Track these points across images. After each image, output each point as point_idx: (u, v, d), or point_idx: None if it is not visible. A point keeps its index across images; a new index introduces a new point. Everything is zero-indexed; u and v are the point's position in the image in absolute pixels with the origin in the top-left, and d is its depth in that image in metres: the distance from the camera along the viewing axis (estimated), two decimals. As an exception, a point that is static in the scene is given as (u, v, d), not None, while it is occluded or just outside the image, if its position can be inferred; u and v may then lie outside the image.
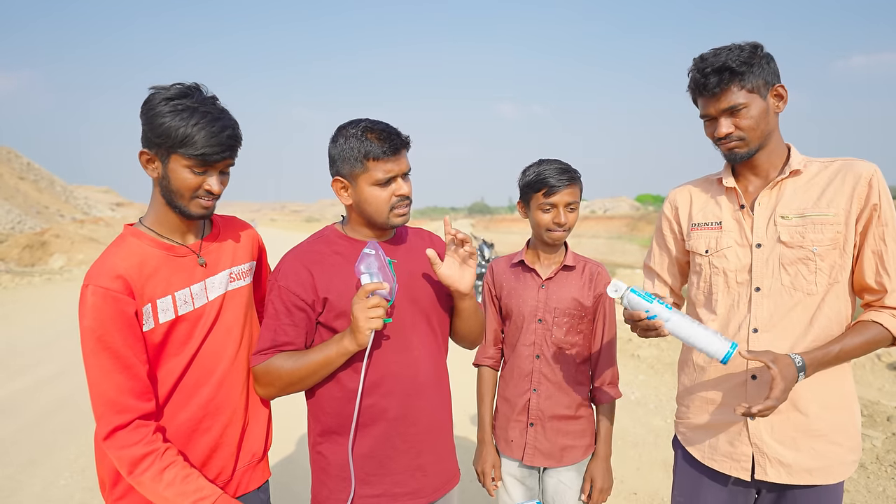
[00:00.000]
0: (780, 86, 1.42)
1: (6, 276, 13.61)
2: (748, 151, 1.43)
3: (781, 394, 1.25)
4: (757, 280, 1.44)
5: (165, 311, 1.31)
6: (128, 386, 1.23)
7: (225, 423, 1.41)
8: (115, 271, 1.25)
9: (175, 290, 1.33)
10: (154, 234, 1.36)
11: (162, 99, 1.26)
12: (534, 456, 1.81)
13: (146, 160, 1.31)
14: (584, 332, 1.81)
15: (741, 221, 1.49)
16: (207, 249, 1.43)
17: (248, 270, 1.53)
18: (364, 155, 1.37)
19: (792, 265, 1.40)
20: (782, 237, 1.41)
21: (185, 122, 1.23)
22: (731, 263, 1.48)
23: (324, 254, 1.46)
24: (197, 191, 1.31)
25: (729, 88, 1.38)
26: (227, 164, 1.35)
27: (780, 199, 1.44)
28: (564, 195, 1.74)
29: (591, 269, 1.84)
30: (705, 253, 1.53)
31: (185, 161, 1.27)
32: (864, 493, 3.18)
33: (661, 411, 4.36)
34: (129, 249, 1.31)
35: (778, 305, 1.42)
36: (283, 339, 1.41)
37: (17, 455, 3.78)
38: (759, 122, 1.40)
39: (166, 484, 1.23)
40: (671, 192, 1.70)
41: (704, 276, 1.54)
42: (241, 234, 1.55)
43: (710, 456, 1.52)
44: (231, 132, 1.30)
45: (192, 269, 1.38)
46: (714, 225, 1.53)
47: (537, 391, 1.80)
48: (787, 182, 1.45)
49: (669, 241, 1.67)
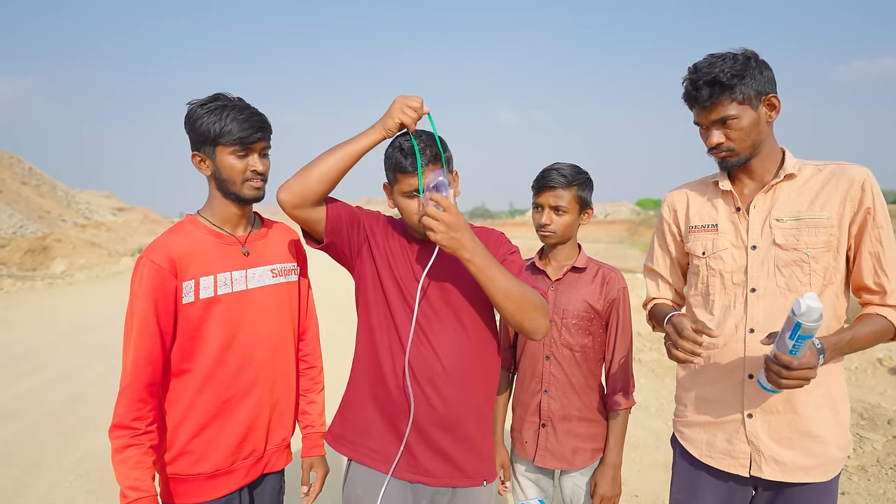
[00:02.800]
0: (773, 96, 1.44)
1: (8, 280, 13.64)
2: (738, 160, 1.46)
3: (813, 364, 1.25)
4: (752, 281, 1.47)
5: (206, 289, 1.47)
6: (150, 349, 1.40)
7: (262, 406, 1.57)
8: (167, 250, 1.44)
9: (218, 272, 1.50)
10: (208, 223, 1.55)
11: (197, 106, 1.48)
12: (544, 457, 1.81)
13: (199, 161, 1.51)
14: (594, 335, 1.80)
15: (737, 224, 1.51)
16: (253, 243, 1.60)
17: (290, 270, 1.67)
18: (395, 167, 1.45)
19: (786, 267, 1.43)
20: (777, 239, 1.44)
21: (219, 116, 1.45)
22: (728, 265, 1.50)
23: None
24: (245, 173, 1.50)
25: (720, 101, 1.40)
26: (263, 147, 1.53)
27: (775, 202, 1.47)
28: (549, 197, 1.76)
29: (604, 273, 1.82)
30: (702, 255, 1.56)
31: (229, 149, 1.47)
32: (865, 496, 3.19)
33: (662, 415, 4.38)
34: (183, 233, 1.51)
35: (773, 306, 1.44)
36: None
37: (21, 458, 3.80)
38: (749, 132, 1.42)
39: (121, 459, 1.38)
40: (668, 194, 1.72)
41: (702, 278, 1.57)
42: (286, 237, 1.71)
43: (707, 454, 1.55)
44: (259, 117, 1.50)
45: (236, 257, 1.55)
46: (710, 227, 1.55)
47: (548, 392, 1.81)
48: (781, 186, 1.47)
49: (670, 243, 1.69)
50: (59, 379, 5.56)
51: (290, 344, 1.66)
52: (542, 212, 1.78)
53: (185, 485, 1.49)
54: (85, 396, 4.98)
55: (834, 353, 1.35)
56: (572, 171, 1.78)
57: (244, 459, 1.55)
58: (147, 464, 1.39)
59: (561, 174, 1.76)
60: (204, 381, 1.48)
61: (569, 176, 1.76)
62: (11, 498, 3.28)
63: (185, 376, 1.48)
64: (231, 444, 1.51)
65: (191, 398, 1.48)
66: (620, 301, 1.80)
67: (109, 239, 23.67)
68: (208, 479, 1.50)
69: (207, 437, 1.49)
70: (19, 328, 8.13)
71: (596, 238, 50.54)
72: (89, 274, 15.95)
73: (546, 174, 1.78)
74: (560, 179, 1.75)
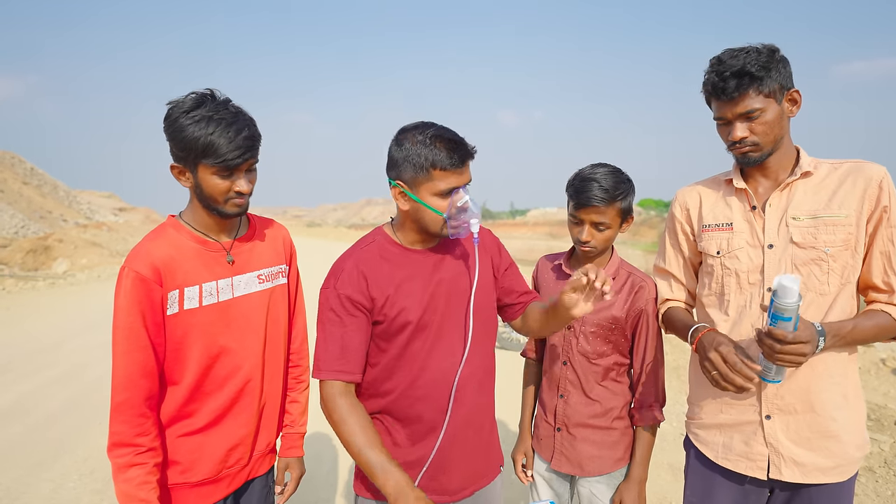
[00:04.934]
0: (795, 91, 1.43)
1: (10, 280, 13.64)
2: (761, 156, 1.44)
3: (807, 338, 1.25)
4: (769, 281, 1.44)
5: (191, 300, 1.40)
6: (144, 363, 1.34)
7: (250, 415, 1.52)
8: (150, 258, 1.36)
9: (203, 282, 1.42)
10: (191, 229, 1.47)
11: (180, 113, 1.33)
12: (560, 461, 1.79)
13: (178, 173, 1.40)
14: (615, 343, 1.72)
15: (752, 222, 1.49)
16: (239, 249, 1.52)
17: (278, 273, 1.60)
18: (431, 164, 1.33)
19: (805, 266, 1.41)
20: (794, 238, 1.42)
21: (204, 131, 1.31)
22: (743, 264, 1.48)
23: (374, 259, 1.45)
24: (228, 193, 1.40)
25: (747, 93, 1.38)
26: (250, 164, 1.42)
27: (791, 200, 1.45)
28: (590, 214, 1.64)
29: (633, 282, 1.73)
30: (717, 254, 1.53)
31: (212, 168, 1.35)
32: (873, 497, 3.18)
33: (668, 415, 4.36)
34: (166, 238, 1.42)
35: None
36: (351, 346, 1.40)
37: (25, 458, 3.78)
38: (773, 127, 1.41)
39: (125, 478, 1.32)
40: (679, 192, 1.69)
41: (716, 278, 1.54)
42: (274, 237, 1.63)
43: (724, 456, 1.52)
44: (248, 133, 1.36)
45: (221, 265, 1.47)
46: (725, 226, 1.53)
47: (564, 397, 1.78)
48: (797, 184, 1.46)
49: (683, 242, 1.66)
50: (61, 378, 5.54)
51: (280, 349, 1.60)
52: (582, 227, 1.67)
53: (171, 493, 1.45)
54: (88, 396, 4.96)
55: (836, 340, 1.33)
56: (614, 183, 1.64)
57: (230, 468, 1.51)
58: (152, 483, 1.34)
59: (602, 189, 1.62)
60: (191, 392, 1.43)
61: (611, 190, 1.62)
62: (14, 498, 3.27)
63: (172, 388, 1.43)
64: (219, 453, 1.47)
65: (177, 409, 1.43)
66: (650, 311, 1.71)
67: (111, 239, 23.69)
68: (194, 488, 1.46)
69: (195, 448, 1.45)
70: (21, 328, 8.12)
71: (597, 239, 50.16)
72: (91, 274, 15.95)
73: (586, 189, 1.63)
74: (602, 196, 1.62)
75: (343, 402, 1.37)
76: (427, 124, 1.38)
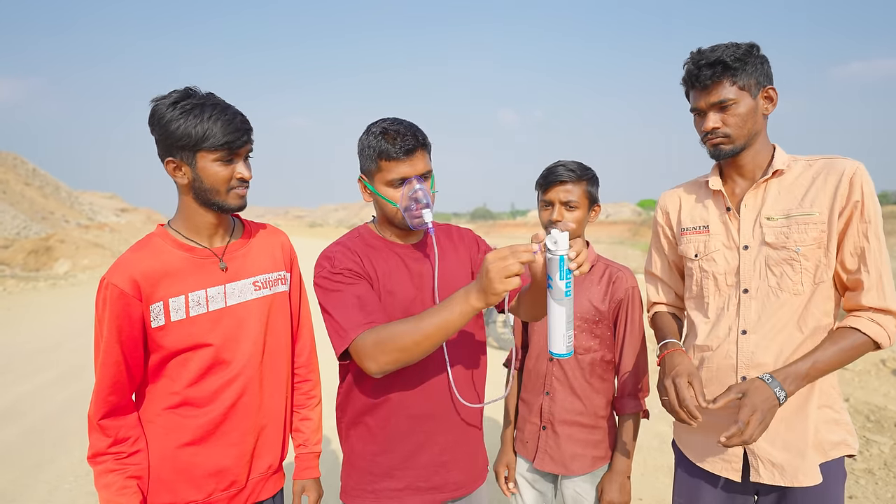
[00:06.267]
0: (771, 88, 1.43)
1: (11, 280, 13.67)
2: (732, 149, 1.43)
3: (760, 423, 1.25)
4: (745, 282, 1.44)
5: (177, 311, 1.33)
6: (114, 379, 1.30)
7: (245, 432, 1.42)
8: (130, 271, 1.30)
9: (189, 291, 1.35)
10: (179, 236, 1.40)
11: (168, 106, 1.29)
12: (543, 460, 1.77)
13: (173, 168, 1.34)
14: (601, 337, 1.75)
15: (728, 224, 1.49)
16: (232, 255, 1.44)
17: (278, 280, 1.51)
18: (378, 154, 1.35)
19: (777, 266, 1.40)
20: (767, 238, 1.42)
21: (199, 118, 1.28)
22: (720, 266, 1.48)
23: (362, 246, 1.46)
24: (230, 182, 1.35)
25: (721, 82, 1.39)
26: (248, 150, 1.38)
27: (766, 200, 1.44)
28: (559, 192, 1.71)
29: (611, 273, 1.77)
30: (695, 257, 1.54)
31: (213, 155, 1.31)
32: (873, 500, 3.15)
33: (666, 417, 4.33)
34: (150, 249, 1.36)
35: (765, 306, 1.41)
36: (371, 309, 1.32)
37: (21, 459, 3.78)
38: (746, 120, 1.41)
39: (104, 484, 1.30)
40: (662, 196, 1.71)
41: (696, 280, 1.55)
42: (272, 242, 1.54)
43: (702, 457, 1.52)
44: (242, 117, 1.35)
45: (212, 272, 1.40)
46: (702, 229, 1.53)
47: (550, 394, 1.77)
48: (771, 182, 1.45)
49: (665, 246, 1.68)
50: (60, 379, 5.55)
51: (282, 363, 1.51)
52: (553, 208, 1.73)
53: None
54: (86, 397, 4.95)
55: (797, 383, 1.30)
56: (579, 166, 1.74)
57: (223, 491, 1.40)
58: (132, 488, 1.31)
59: (568, 169, 1.72)
60: (179, 406, 1.36)
61: (577, 171, 1.72)
62: (10, 499, 3.27)
63: (159, 401, 1.36)
64: (207, 473, 1.38)
65: (164, 424, 1.36)
66: (629, 302, 1.74)
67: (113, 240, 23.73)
68: None
69: (181, 466, 1.36)
70: (22, 329, 8.13)
71: (597, 239, 50.57)
72: (92, 274, 15.97)
73: (553, 170, 1.74)
74: (569, 174, 1.71)
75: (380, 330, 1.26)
76: (385, 118, 1.40)
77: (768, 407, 1.26)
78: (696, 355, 1.54)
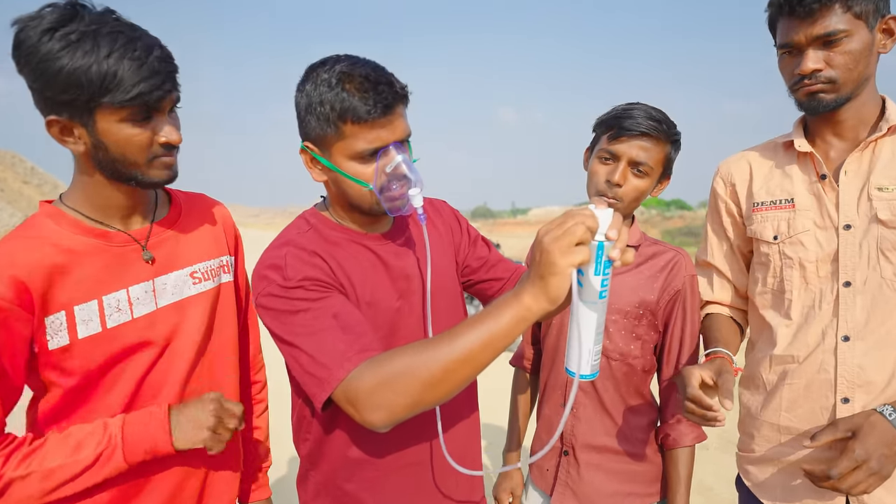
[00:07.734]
0: (892, 18, 1.11)
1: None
2: (836, 99, 1.12)
3: (875, 473, 0.97)
4: (846, 272, 1.14)
5: (87, 323, 0.96)
6: None
7: (182, 476, 1.07)
8: (11, 269, 0.90)
9: (104, 294, 0.98)
10: (81, 217, 1.00)
11: (41, 33, 0.86)
12: (564, 495, 1.37)
13: (59, 130, 0.92)
14: (643, 339, 1.35)
15: (821, 196, 1.17)
16: (159, 239, 1.07)
17: (221, 267, 1.16)
18: (340, 114, 0.94)
19: (893, 251, 1.10)
20: (880, 215, 1.10)
21: (93, 55, 0.85)
22: (810, 252, 1.17)
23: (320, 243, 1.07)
24: (151, 148, 0.95)
25: (831, 7, 1.07)
26: (173, 101, 0.96)
27: (875, 164, 1.13)
28: (632, 147, 1.26)
29: (668, 257, 1.35)
30: (774, 240, 1.22)
31: (120, 112, 0.89)
32: None
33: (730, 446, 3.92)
34: (40, 237, 0.94)
35: (877, 305, 1.11)
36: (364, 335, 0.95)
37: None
38: (858, 60, 1.09)
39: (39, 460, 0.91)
40: (723, 163, 1.37)
41: (773, 270, 1.23)
42: (208, 218, 1.17)
43: (784, 501, 1.21)
44: (160, 52, 0.91)
45: (134, 265, 1.02)
46: (784, 203, 1.21)
47: (573, 410, 1.37)
48: (884, 142, 1.14)
49: (728, 226, 1.36)
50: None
51: (231, 370, 1.18)
52: (617, 165, 1.27)
53: None
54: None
55: None
56: (666, 119, 1.28)
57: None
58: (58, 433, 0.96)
59: (653, 119, 1.25)
60: None
61: (664, 124, 1.26)
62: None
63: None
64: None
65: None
66: (688, 293, 1.34)
67: (111, 238, 23.70)
68: None
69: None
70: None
71: (599, 238, 49.92)
72: (90, 273, 15.87)
73: (632, 114, 1.26)
74: (653, 126, 1.24)
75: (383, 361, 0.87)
76: (338, 58, 0.97)
77: (889, 454, 0.98)
78: (775, 368, 1.23)
